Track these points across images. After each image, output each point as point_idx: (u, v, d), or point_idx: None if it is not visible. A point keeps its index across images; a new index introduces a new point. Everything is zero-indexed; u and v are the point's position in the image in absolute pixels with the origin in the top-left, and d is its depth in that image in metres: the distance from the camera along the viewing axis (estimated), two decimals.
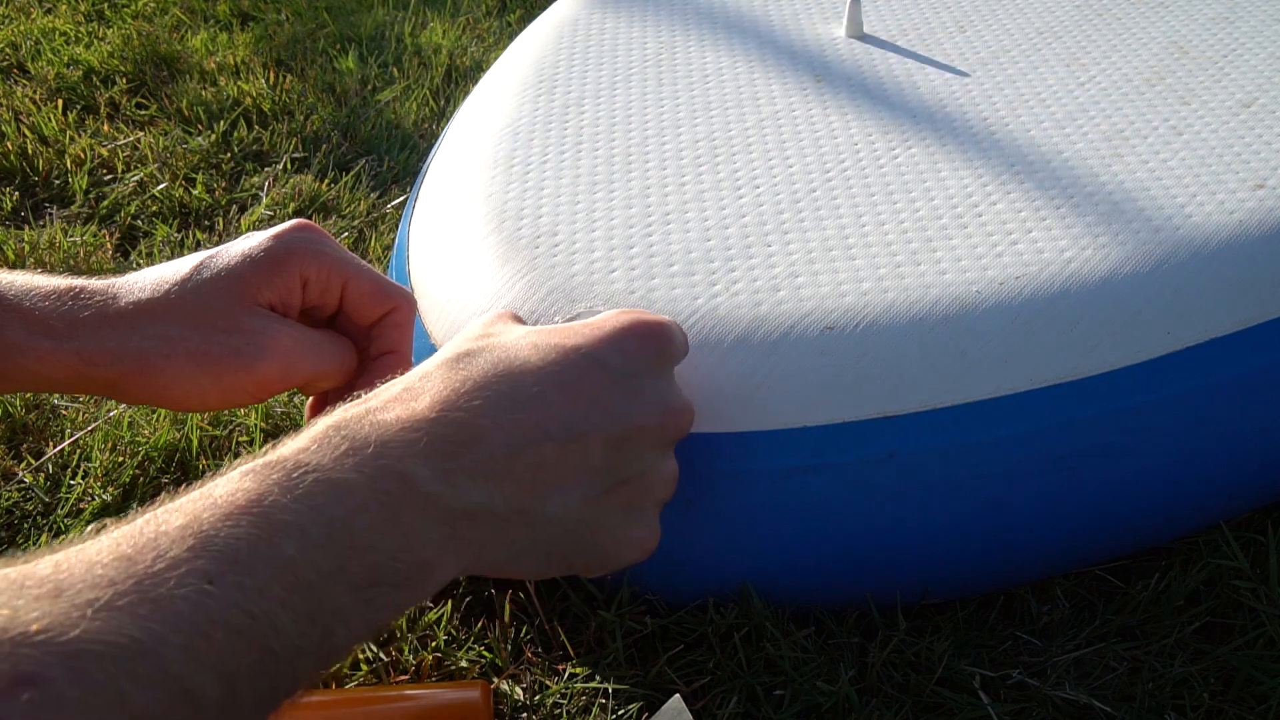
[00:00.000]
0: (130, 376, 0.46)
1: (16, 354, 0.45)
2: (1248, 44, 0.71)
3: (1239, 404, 0.53)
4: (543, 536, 0.41)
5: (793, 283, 0.53)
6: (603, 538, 0.43)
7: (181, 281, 0.48)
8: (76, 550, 0.29)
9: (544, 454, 0.40)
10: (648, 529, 0.45)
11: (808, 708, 0.50)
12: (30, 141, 1.01)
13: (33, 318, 0.46)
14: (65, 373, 0.46)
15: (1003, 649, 0.53)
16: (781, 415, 0.50)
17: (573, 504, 0.41)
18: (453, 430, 0.38)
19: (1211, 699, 0.50)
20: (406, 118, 1.06)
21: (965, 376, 0.50)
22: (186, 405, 0.48)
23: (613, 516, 0.43)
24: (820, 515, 0.51)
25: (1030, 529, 0.53)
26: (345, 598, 0.32)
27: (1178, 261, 0.52)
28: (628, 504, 0.44)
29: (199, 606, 0.28)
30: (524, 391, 0.40)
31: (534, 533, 0.40)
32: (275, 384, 0.47)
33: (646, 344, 0.45)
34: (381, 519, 0.34)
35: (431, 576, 0.36)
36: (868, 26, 0.78)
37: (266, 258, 0.48)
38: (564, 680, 0.51)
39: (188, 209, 0.93)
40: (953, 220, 0.56)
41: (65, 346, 0.46)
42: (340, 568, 0.32)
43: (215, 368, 0.47)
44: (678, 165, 0.64)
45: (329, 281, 0.49)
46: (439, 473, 0.37)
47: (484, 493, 0.38)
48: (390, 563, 0.34)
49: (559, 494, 0.41)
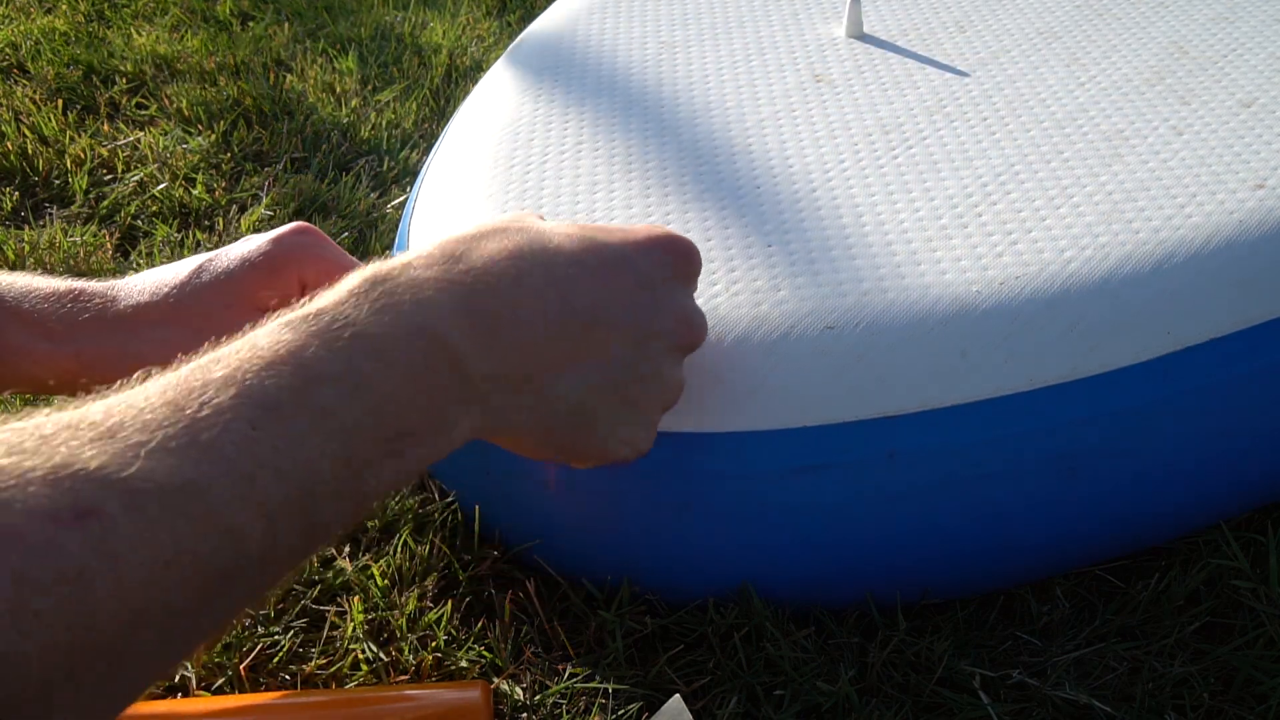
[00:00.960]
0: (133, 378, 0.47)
1: (14, 357, 0.45)
2: (1248, 44, 0.71)
3: (1239, 404, 0.53)
4: (547, 412, 0.42)
5: (793, 283, 0.53)
6: (601, 428, 0.44)
7: (180, 285, 0.48)
8: (125, 396, 0.30)
9: (568, 331, 0.41)
10: (644, 431, 0.46)
11: (808, 708, 0.50)
12: (30, 141, 1.01)
13: (31, 320, 0.46)
14: (63, 376, 0.46)
15: (1003, 649, 0.53)
16: (781, 415, 0.50)
17: (580, 387, 0.42)
18: (485, 298, 0.39)
19: (1211, 699, 0.50)
20: (406, 118, 1.06)
21: (965, 376, 0.50)
22: None
23: (616, 410, 0.44)
24: (820, 515, 0.51)
25: (1030, 529, 0.53)
26: (376, 448, 0.34)
27: (1178, 261, 0.52)
28: (631, 402, 0.44)
29: (244, 450, 0.30)
30: (558, 270, 0.42)
31: (541, 406, 0.41)
32: None
33: (674, 256, 0.46)
34: (412, 376, 0.36)
35: (453, 432, 0.38)
36: (868, 26, 0.78)
37: (265, 261, 0.49)
38: (564, 680, 0.51)
39: (188, 209, 0.93)
40: (953, 220, 0.56)
41: (64, 349, 0.46)
42: (373, 419, 0.34)
43: None
44: (678, 165, 0.64)
45: (330, 280, 0.49)
46: (469, 335, 0.38)
47: (507, 360, 0.39)
48: (418, 416, 0.36)
49: (571, 374, 0.42)
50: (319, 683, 0.52)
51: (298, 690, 0.51)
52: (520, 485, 0.54)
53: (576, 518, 0.54)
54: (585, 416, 0.43)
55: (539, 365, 0.41)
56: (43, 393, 0.50)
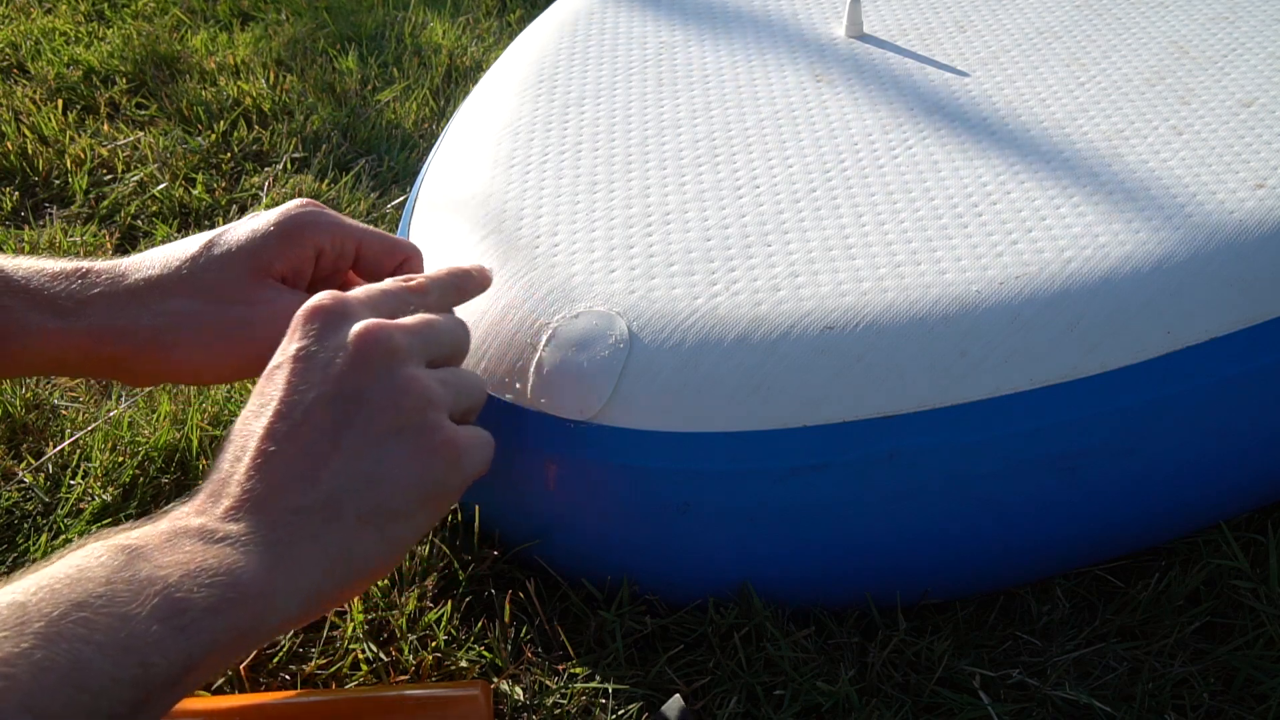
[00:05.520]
0: (142, 353, 0.46)
1: (26, 335, 0.45)
2: (1248, 44, 0.71)
3: (1239, 404, 0.53)
4: (349, 504, 0.39)
5: (793, 283, 0.53)
6: (396, 470, 0.40)
7: (192, 258, 0.48)
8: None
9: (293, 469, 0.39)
10: (441, 436, 0.41)
11: (808, 708, 0.50)
12: (30, 141, 1.01)
13: (41, 298, 0.46)
14: (74, 352, 0.46)
15: (1003, 649, 0.53)
16: (781, 415, 0.50)
17: (347, 470, 0.39)
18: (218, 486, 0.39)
19: (1211, 699, 0.50)
20: (406, 118, 1.06)
21: (965, 376, 0.50)
22: (200, 378, 0.48)
23: (388, 448, 0.40)
24: (820, 515, 0.51)
25: (1030, 529, 0.53)
26: (155, 627, 0.33)
27: (1178, 261, 0.52)
28: (391, 428, 0.41)
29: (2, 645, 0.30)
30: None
31: (337, 513, 0.39)
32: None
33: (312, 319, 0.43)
34: (168, 551, 0.35)
35: (248, 595, 0.35)
36: (868, 26, 0.78)
37: (278, 231, 0.49)
38: (564, 680, 0.51)
39: (188, 209, 0.93)
40: (953, 220, 0.56)
41: (74, 325, 0.46)
42: (140, 602, 0.33)
43: (228, 339, 0.47)
44: (678, 165, 0.64)
45: (344, 247, 0.51)
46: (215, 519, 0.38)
47: (256, 519, 0.38)
48: (191, 588, 0.34)
49: (328, 470, 0.39)
50: (319, 683, 0.52)
51: (298, 690, 0.51)
52: (520, 485, 0.54)
53: (576, 518, 0.54)
54: (374, 477, 0.40)
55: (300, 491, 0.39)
56: (57, 373, 0.50)
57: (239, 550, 0.36)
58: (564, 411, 0.51)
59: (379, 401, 0.41)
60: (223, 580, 0.35)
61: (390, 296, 0.45)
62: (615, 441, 0.51)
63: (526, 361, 0.52)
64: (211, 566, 0.35)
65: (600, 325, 0.52)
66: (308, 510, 0.38)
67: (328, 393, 0.40)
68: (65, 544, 0.59)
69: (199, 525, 0.37)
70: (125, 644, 0.32)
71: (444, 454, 0.41)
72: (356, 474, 0.39)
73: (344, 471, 0.39)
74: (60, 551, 0.35)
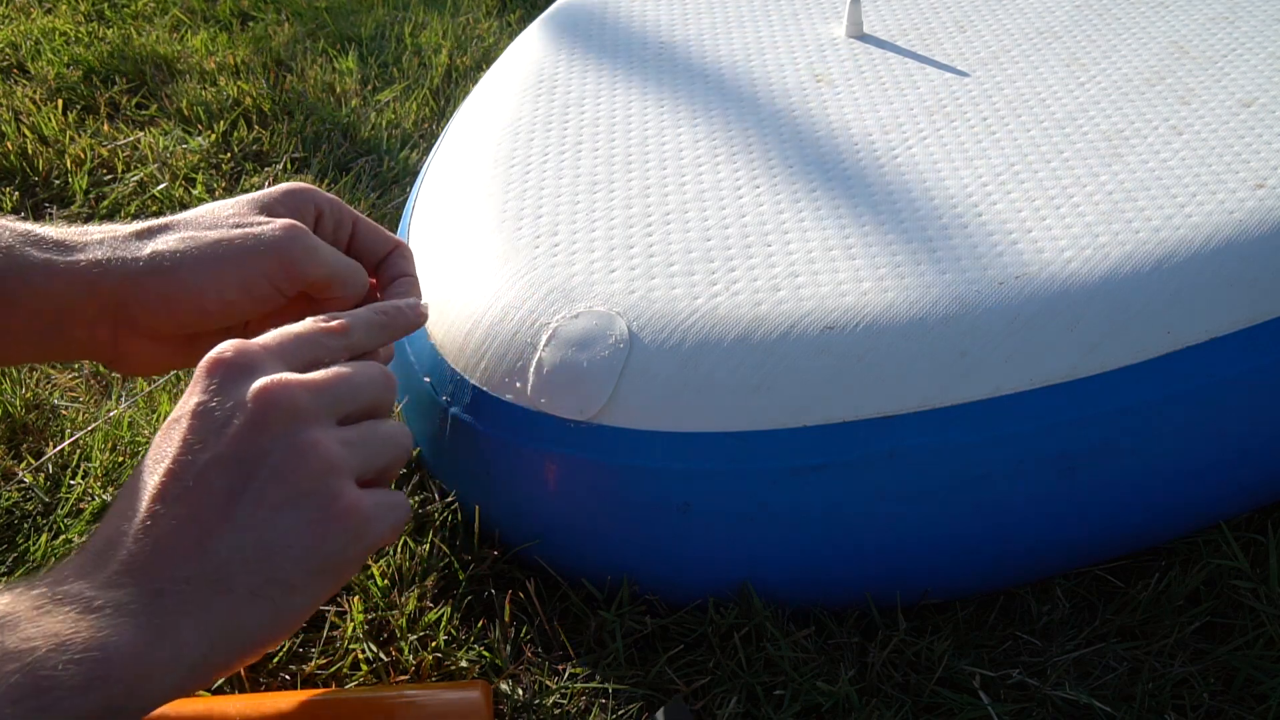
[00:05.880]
0: (147, 283, 0.45)
1: (29, 271, 0.44)
2: (1248, 44, 0.71)
3: (1239, 404, 0.53)
4: (240, 576, 0.37)
5: (793, 283, 0.53)
6: (290, 541, 0.38)
7: (193, 211, 0.49)
8: None
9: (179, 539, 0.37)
10: (342, 504, 0.39)
11: (808, 708, 0.50)
12: (30, 141, 1.01)
13: (46, 240, 0.45)
14: (77, 289, 0.45)
15: (1003, 649, 0.53)
16: (781, 415, 0.50)
17: (238, 540, 0.37)
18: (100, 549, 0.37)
19: (1211, 699, 0.50)
20: (406, 118, 1.06)
21: (965, 376, 0.50)
22: (209, 308, 0.46)
23: (283, 518, 0.38)
24: (820, 515, 0.51)
25: (1030, 529, 0.53)
26: (8, 710, 0.31)
27: (1178, 261, 0.52)
28: (287, 497, 0.38)
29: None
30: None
31: (227, 584, 0.37)
32: (297, 275, 0.46)
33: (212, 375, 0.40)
34: (39, 618, 0.33)
35: (122, 671, 0.34)
36: (868, 26, 0.78)
37: (280, 189, 0.50)
38: (564, 680, 0.51)
39: (188, 209, 0.93)
40: (953, 220, 0.56)
41: (79, 257, 0.45)
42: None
43: (234, 258, 0.46)
44: (678, 165, 0.64)
45: (342, 217, 0.51)
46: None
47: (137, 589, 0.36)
48: (57, 664, 0.32)
49: (218, 539, 0.37)
50: (319, 683, 0.52)
51: (298, 690, 0.51)
52: (520, 485, 0.54)
53: (576, 518, 0.54)
54: (272, 548, 0.38)
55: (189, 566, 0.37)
56: (54, 316, 0.46)
57: (117, 621, 0.34)
58: (564, 411, 0.51)
59: (275, 467, 0.38)
60: (94, 656, 0.33)
61: (303, 342, 0.42)
62: (615, 442, 0.51)
63: (526, 361, 0.52)
64: (82, 640, 0.33)
65: (600, 325, 0.52)
66: (195, 580, 0.36)
67: (223, 455, 0.38)
68: (65, 544, 0.59)
69: (78, 591, 0.35)
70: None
71: (344, 523, 0.39)
72: (248, 545, 0.37)
73: (235, 542, 0.37)
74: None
